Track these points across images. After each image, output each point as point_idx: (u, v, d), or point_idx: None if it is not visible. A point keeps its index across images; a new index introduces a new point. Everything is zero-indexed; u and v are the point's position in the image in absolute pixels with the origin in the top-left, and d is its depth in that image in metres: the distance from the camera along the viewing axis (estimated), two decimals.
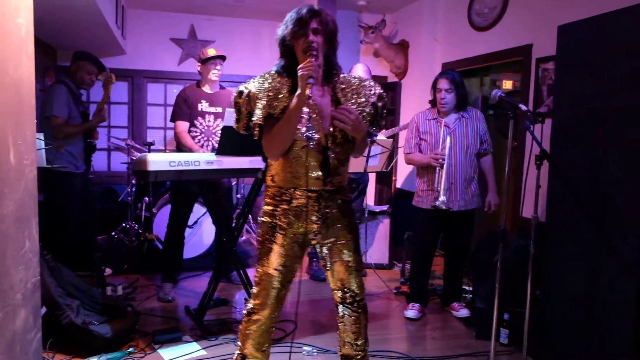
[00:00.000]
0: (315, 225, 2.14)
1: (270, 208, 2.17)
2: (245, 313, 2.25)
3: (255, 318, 2.21)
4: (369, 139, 4.18)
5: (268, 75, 2.13)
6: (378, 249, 4.92)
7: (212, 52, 3.93)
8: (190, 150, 3.82)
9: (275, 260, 2.15)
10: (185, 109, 3.92)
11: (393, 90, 5.99)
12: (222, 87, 4.13)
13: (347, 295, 2.26)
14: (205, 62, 3.92)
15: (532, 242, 2.69)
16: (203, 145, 3.94)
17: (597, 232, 2.64)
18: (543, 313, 2.99)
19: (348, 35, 5.94)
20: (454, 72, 3.63)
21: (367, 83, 2.21)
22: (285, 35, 2.07)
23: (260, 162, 3.24)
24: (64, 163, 3.91)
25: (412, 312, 3.70)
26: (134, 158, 4.83)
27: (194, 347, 3.06)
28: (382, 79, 6.17)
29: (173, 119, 3.99)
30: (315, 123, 2.10)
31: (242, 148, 3.12)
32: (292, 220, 2.13)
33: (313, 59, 1.97)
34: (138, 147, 5.21)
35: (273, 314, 2.22)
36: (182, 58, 6.07)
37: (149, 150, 4.91)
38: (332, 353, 3.00)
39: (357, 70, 4.44)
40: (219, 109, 3.96)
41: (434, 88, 3.60)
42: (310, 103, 2.02)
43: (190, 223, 4.62)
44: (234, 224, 3.85)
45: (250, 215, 5.42)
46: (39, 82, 4.95)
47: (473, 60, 4.82)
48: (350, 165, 4.16)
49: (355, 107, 2.13)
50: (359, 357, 2.34)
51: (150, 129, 6.18)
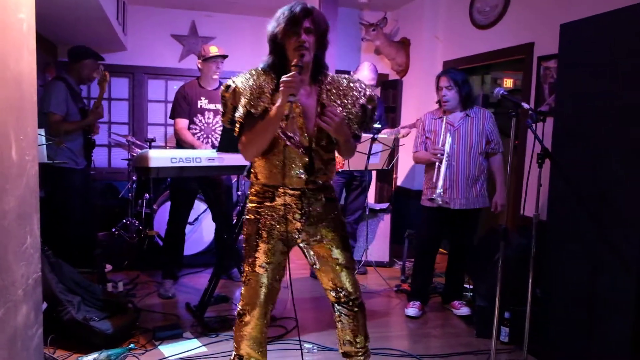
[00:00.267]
0: (299, 224, 2.12)
1: (254, 206, 2.14)
2: (236, 315, 2.22)
3: (247, 319, 2.17)
4: (371, 138, 4.19)
5: (254, 72, 2.10)
6: (379, 247, 4.93)
7: (214, 50, 3.89)
8: (192, 146, 3.81)
9: (261, 258, 2.12)
10: (185, 106, 3.91)
11: (394, 88, 5.98)
12: (221, 84, 4.11)
13: (341, 295, 2.24)
14: (207, 60, 3.90)
15: (533, 240, 2.69)
16: (203, 142, 3.93)
17: (598, 231, 2.64)
18: (544, 311, 2.99)
19: (349, 33, 5.94)
20: (457, 70, 3.62)
21: (356, 85, 2.17)
22: (277, 33, 2.02)
23: None
24: (64, 159, 3.91)
25: (412, 310, 3.70)
26: (135, 154, 4.84)
27: (195, 343, 3.06)
28: (383, 77, 6.16)
29: (172, 116, 3.98)
30: (299, 124, 2.07)
31: None
32: (276, 218, 2.11)
33: (297, 73, 1.92)
34: (139, 143, 5.20)
35: (264, 314, 2.18)
36: (182, 54, 6.06)
37: (150, 147, 4.90)
38: (332, 350, 3.00)
39: (363, 69, 4.43)
40: (219, 106, 3.92)
41: (437, 87, 3.60)
42: (297, 104, 2.02)
43: (191, 220, 4.62)
44: (234, 221, 3.84)
45: None
46: (40, 77, 4.94)
47: (474, 59, 4.81)
48: (352, 163, 4.26)
49: (340, 109, 2.10)
50: (360, 354, 2.33)
51: (151, 126, 6.17)
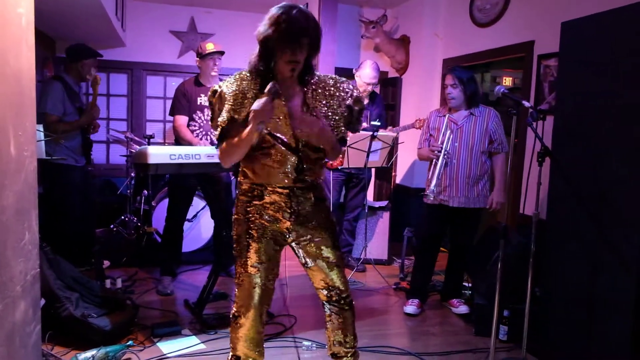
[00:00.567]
0: (289, 223, 2.11)
1: (244, 205, 2.13)
2: (231, 317, 2.21)
3: (242, 322, 2.16)
4: (371, 136, 4.19)
5: (238, 77, 2.08)
6: (377, 245, 4.92)
7: (210, 47, 3.87)
8: (190, 144, 3.81)
9: (252, 258, 2.10)
10: (185, 103, 3.90)
11: (394, 86, 5.97)
12: (221, 80, 4.09)
13: (332, 293, 2.24)
14: (204, 57, 3.89)
15: (533, 239, 2.69)
16: (202, 139, 3.92)
17: (598, 230, 2.64)
18: (543, 310, 2.99)
19: (349, 30, 5.93)
20: (463, 68, 3.60)
21: (343, 85, 2.15)
22: (271, 40, 1.97)
23: None
24: (63, 155, 3.92)
25: (411, 307, 3.70)
26: (133, 151, 4.83)
27: (193, 340, 3.06)
28: (382, 74, 6.13)
29: (172, 113, 3.97)
30: (285, 125, 2.05)
31: None
32: (265, 217, 2.10)
33: (269, 99, 1.90)
34: (137, 139, 5.19)
35: (259, 315, 2.17)
36: (181, 51, 6.03)
37: (149, 143, 4.89)
38: None
39: (365, 67, 4.43)
40: None
41: (442, 85, 3.59)
42: (279, 106, 2.02)
43: (190, 217, 4.62)
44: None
45: None
46: (38, 73, 4.92)
47: (474, 57, 4.80)
48: (352, 161, 4.25)
49: (326, 109, 2.09)
50: (350, 354, 2.32)
51: (150, 122, 6.15)
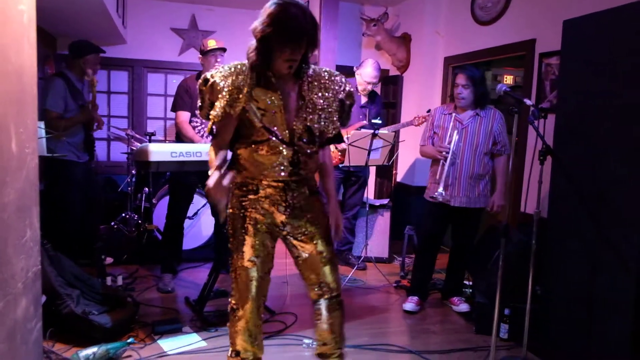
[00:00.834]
0: (284, 216, 2.12)
1: (238, 199, 2.13)
2: (229, 311, 2.21)
3: (240, 314, 2.16)
4: (372, 134, 4.19)
5: (234, 70, 2.04)
6: (378, 243, 4.92)
7: (212, 43, 3.87)
8: (191, 141, 3.80)
9: (249, 252, 2.11)
10: (187, 99, 3.89)
11: (395, 84, 5.97)
12: None
13: (323, 291, 2.22)
14: (206, 54, 3.89)
15: (534, 237, 2.69)
16: (203, 136, 3.92)
17: (598, 229, 2.63)
18: (544, 309, 2.99)
19: (350, 28, 5.92)
20: (475, 68, 3.58)
21: (337, 78, 2.16)
22: (270, 38, 1.93)
23: None
24: (66, 152, 3.95)
25: (410, 305, 3.70)
26: (134, 148, 4.83)
27: (194, 338, 3.06)
28: (383, 72, 6.13)
29: (174, 109, 3.96)
30: (280, 119, 2.06)
31: None
32: (260, 211, 2.10)
33: (219, 172, 1.94)
34: (138, 137, 5.19)
35: (257, 307, 2.17)
36: (182, 48, 6.03)
37: (150, 141, 4.88)
38: None
39: (367, 66, 4.43)
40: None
41: (453, 82, 3.59)
42: (275, 100, 2.03)
43: (190, 214, 4.62)
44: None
45: None
46: (40, 70, 4.92)
47: (475, 55, 4.80)
48: (353, 159, 4.25)
49: (321, 102, 2.11)
50: (336, 355, 2.31)
51: (151, 119, 6.15)
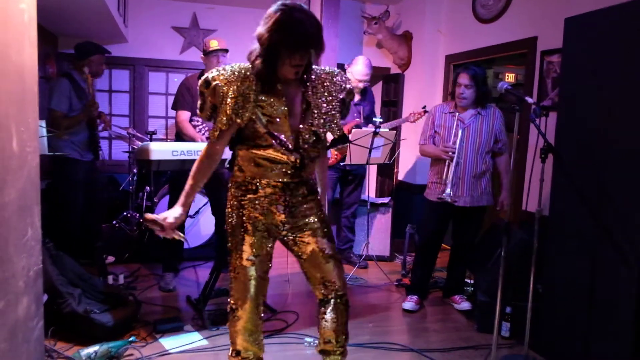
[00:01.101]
0: (283, 215, 2.11)
1: (237, 198, 2.13)
2: (228, 311, 2.19)
3: (239, 314, 2.15)
4: (373, 132, 4.18)
5: (238, 74, 2.02)
6: (379, 241, 4.92)
7: (214, 44, 3.86)
8: (192, 139, 3.80)
9: (247, 251, 2.11)
10: (188, 98, 3.89)
11: (396, 82, 5.96)
12: None
13: (329, 289, 2.20)
14: (208, 54, 3.88)
15: (535, 236, 2.69)
16: (204, 135, 3.91)
17: (600, 227, 2.63)
18: (545, 307, 2.99)
19: (351, 26, 5.91)
20: (477, 67, 3.57)
21: (337, 79, 2.16)
22: (278, 45, 1.93)
23: None
24: (69, 150, 4.02)
25: (409, 304, 3.70)
26: (135, 147, 4.82)
27: (195, 336, 3.06)
28: (385, 71, 6.13)
29: (175, 108, 3.96)
30: (285, 126, 2.05)
31: None
32: (259, 210, 2.10)
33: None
34: (139, 135, 5.19)
35: (256, 307, 2.16)
36: (184, 47, 6.02)
37: (151, 139, 4.88)
38: None
39: (358, 63, 4.40)
40: None
41: (455, 82, 3.57)
42: (281, 105, 2.03)
43: (192, 213, 4.62)
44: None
45: None
46: (40, 69, 4.92)
47: (477, 53, 4.79)
48: (354, 157, 4.25)
49: (325, 106, 2.12)
50: (338, 352, 2.30)
51: (152, 118, 6.15)
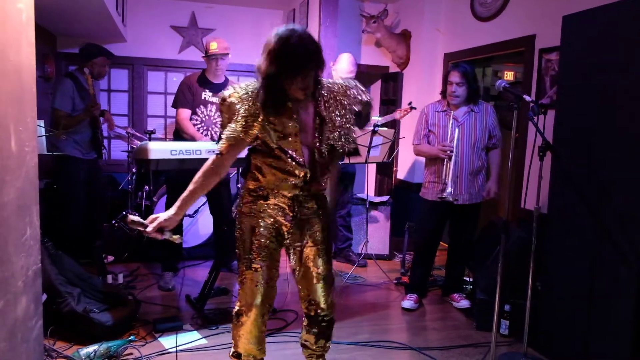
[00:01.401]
0: (289, 225, 2.12)
1: (248, 204, 2.14)
2: (234, 315, 2.19)
3: (244, 320, 2.15)
4: (372, 131, 4.18)
5: (252, 93, 2.01)
6: (378, 240, 4.93)
7: (213, 47, 3.86)
8: (192, 138, 3.80)
9: (255, 257, 2.11)
10: (189, 97, 3.88)
11: (394, 81, 5.96)
12: (227, 78, 4.07)
13: (311, 308, 2.21)
14: (208, 57, 3.89)
15: (534, 233, 2.69)
16: (202, 134, 3.91)
17: (598, 224, 2.63)
18: (544, 305, 2.99)
19: (350, 25, 5.90)
20: (467, 65, 3.58)
21: (352, 92, 2.12)
22: (276, 75, 1.89)
23: None
24: (71, 149, 4.11)
25: (408, 302, 3.70)
26: (134, 146, 4.82)
27: (195, 335, 3.07)
28: (383, 69, 6.13)
29: (175, 106, 3.95)
30: (297, 140, 2.04)
31: None
32: (268, 217, 2.11)
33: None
34: (138, 135, 5.18)
35: (261, 314, 2.15)
36: (182, 46, 6.02)
37: (150, 139, 4.88)
38: (333, 343, 3.00)
39: (342, 61, 4.32)
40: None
41: (445, 80, 3.57)
42: (292, 123, 2.01)
43: (191, 212, 4.62)
44: (234, 214, 3.83)
45: None
46: (39, 69, 4.93)
47: (475, 51, 4.78)
48: (353, 157, 4.22)
49: (339, 119, 2.08)
50: (316, 354, 2.32)
51: (151, 117, 6.15)
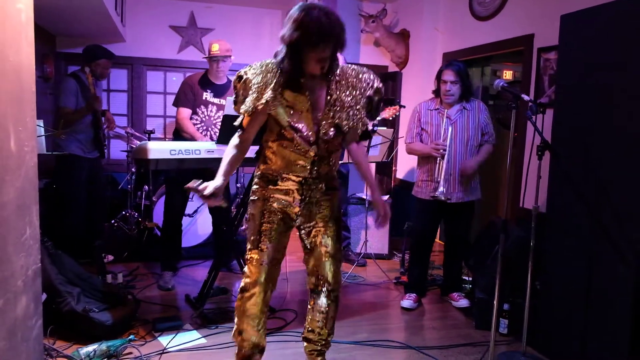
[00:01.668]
0: (298, 208, 2.23)
1: (258, 188, 2.26)
2: (239, 290, 2.30)
3: (248, 295, 2.26)
4: (371, 130, 4.18)
5: (264, 68, 2.12)
6: (378, 239, 4.93)
7: (215, 48, 3.85)
8: (192, 137, 3.80)
9: (263, 238, 2.22)
10: (190, 96, 3.88)
11: (393, 80, 5.96)
12: (229, 80, 4.06)
13: (319, 283, 2.32)
14: (209, 58, 3.89)
15: (532, 233, 2.70)
16: (202, 134, 3.91)
17: (597, 223, 2.64)
18: (542, 304, 3.00)
19: (349, 24, 5.77)
20: (460, 62, 3.58)
21: (365, 76, 2.20)
22: (300, 42, 1.98)
23: None
24: (73, 148, 4.16)
25: (407, 302, 3.71)
26: (134, 146, 4.83)
27: (194, 335, 3.07)
28: (382, 69, 6.14)
29: (176, 105, 3.94)
30: (308, 118, 2.13)
31: None
32: (278, 201, 2.22)
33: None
34: (138, 135, 5.19)
35: (264, 291, 2.27)
36: (181, 46, 6.02)
37: (149, 138, 4.89)
38: (332, 342, 3.00)
39: None
40: (223, 102, 3.87)
41: (438, 79, 3.56)
42: (304, 99, 2.11)
43: (190, 212, 4.63)
44: (234, 214, 3.84)
45: None
46: (38, 69, 4.93)
47: (474, 50, 4.79)
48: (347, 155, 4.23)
49: (349, 100, 2.14)
50: (319, 345, 2.37)
51: (150, 117, 6.15)
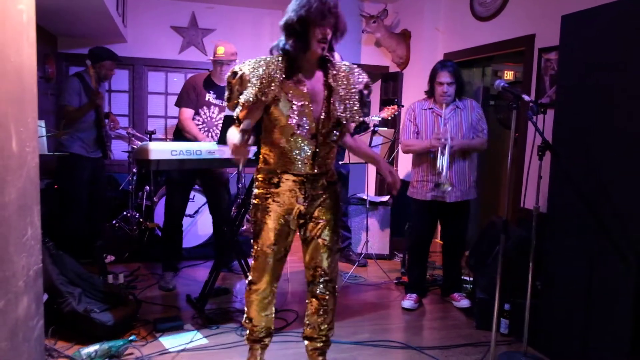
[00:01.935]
0: (302, 207, 2.28)
1: (261, 192, 2.29)
2: (247, 283, 2.43)
3: (255, 287, 2.37)
4: (372, 131, 4.19)
5: (263, 62, 2.15)
6: (379, 240, 4.93)
7: (220, 51, 3.85)
8: (194, 137, 3.80)
9: (268, 239, 2.28)
10: (193, 97, 3.88)
11: (394, 80, 5.96)
12: None
13: (317, 274, 2.37)
14: (214, 60, 3.90)
15: (533, 233, 2.69)
16: (204, 134, 3.92)
17: (598, 223, 2.64)
18: (543, 304, 3.00)
19: (350, 25, 5.76)
20: (452, 62, 3.57)
21: (355, 70, 2.30)
22: (305, 19, 2.05)
23: None
24: (76, 147, 4.18)
25: (408, 302, 3.71)
26: (135, 147, 4.84)
27: (195, 335, 3.07)
28: (383, 69, 6.14)
29: (179, 105, 3.94)
30: (308, 110, 2.16)
31: None
32: (280, 203, 2.25)
33: (243, 137, 2.04)
34: (139, 135, 5.20)
35: (271, 285, 2.38)
36: (183, 46, 6.03)
37: (150, 139, 4.89)
38: (333, 343, 3.00)
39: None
40: (225, 103, 3.90)
41: (432, 80, 3.55)
42: (305, 91, 2.15)
43: (191, 212, 4.63)
44: (235, 214, 3.84)
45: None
46: (40, 69, 4.94)
47: (475, 51, 4.79)
48: (352, 156, 4.25)
49: (344, 93, 2.22)
50: (320, 341, 2.42)
51: (151, 118, 6.16)
